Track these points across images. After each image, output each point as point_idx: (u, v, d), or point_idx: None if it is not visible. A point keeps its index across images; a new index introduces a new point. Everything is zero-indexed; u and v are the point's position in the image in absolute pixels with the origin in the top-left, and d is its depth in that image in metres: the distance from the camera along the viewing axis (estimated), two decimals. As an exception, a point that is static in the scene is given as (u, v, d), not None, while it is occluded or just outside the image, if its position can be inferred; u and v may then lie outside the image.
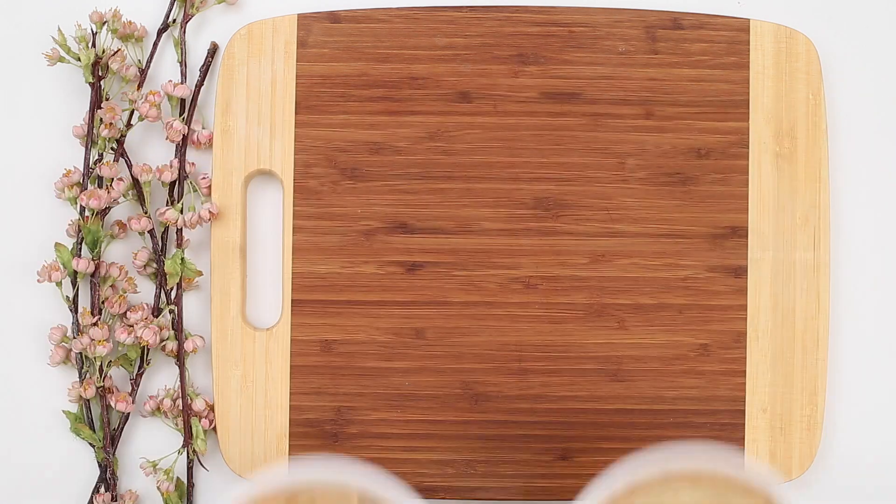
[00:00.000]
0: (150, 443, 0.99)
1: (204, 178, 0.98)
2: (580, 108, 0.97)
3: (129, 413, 0.98)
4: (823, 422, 0.97)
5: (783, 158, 0.97)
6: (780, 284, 0.97)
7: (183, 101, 0.98)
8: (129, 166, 0.98)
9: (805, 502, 0.99)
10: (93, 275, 0.97)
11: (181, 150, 0.98)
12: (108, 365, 0.97)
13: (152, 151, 1.00)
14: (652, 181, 0.97)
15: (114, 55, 0.97)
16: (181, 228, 0.97)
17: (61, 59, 0.97)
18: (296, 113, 0.97)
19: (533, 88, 0.96)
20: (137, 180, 0.98)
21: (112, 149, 0.98)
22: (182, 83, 0.98)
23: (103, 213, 0.97)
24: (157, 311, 0.98)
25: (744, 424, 0.97)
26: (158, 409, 0.98)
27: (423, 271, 0.97)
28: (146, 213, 0.98)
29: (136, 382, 0.98)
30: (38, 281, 0.96)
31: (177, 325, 0.98)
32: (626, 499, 0.79)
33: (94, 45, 0.97)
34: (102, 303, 0.97)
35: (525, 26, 0.97)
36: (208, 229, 0.98)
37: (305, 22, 0.98)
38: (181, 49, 0.99)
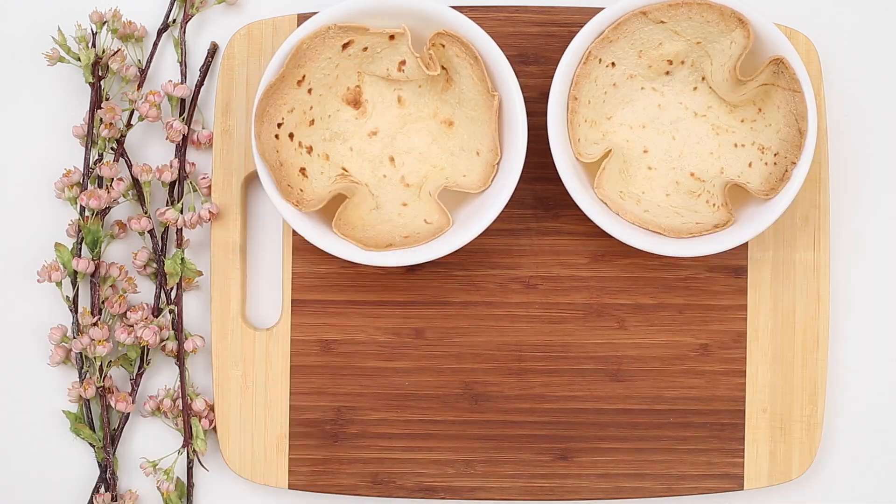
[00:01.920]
0: (150, 443, 0.99)
1: (204, 178, 0.98)
2: (580, 108, 0.97)
3: (129, 413, 0.98)
4: (823, 422, 0.97)
5: (783, 158, 0.97)
6: (780, 284, 0.97)
7: (183, 101, 0.98)
8: (129, 166, 0.98)
9: (805, 502, 0.99)
10: (93, 275, 0.97)
11: (181, 150, 0.98)
12: (108, 365, 0.97)
13: (152, 151, 1.00)
14: (652, 181, 0.97)
15: (114, 55, 0.97)
16: (181, 228, 0.97)
17: (61, 59, 0.97)
18: (296, 113, 0.97)
19: (533, 88, 0.95)
20: (137, 180, 0.98)
21: (112, 149, 0.98)
22: (182, 83, 0.98)
23: (103, 213, 0.97)
24: (157, 311, 0.98)
25: (744, 424, 0.97)
26: (158, 409, 0.98)
27: (423, 271, 0.97)
28: (146, 213, 0.98)
29: (136, 382, 0.98)
30: (38, 281, 0.96)
31: (177, 325, 0.98)
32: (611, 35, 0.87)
33: (94, 45, 0.97)
34: (102, 303, 0.97)
35: (525, 26, 0.97)
36: (208, 229, 0.98)
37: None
38: (181, 49, 0.99)
